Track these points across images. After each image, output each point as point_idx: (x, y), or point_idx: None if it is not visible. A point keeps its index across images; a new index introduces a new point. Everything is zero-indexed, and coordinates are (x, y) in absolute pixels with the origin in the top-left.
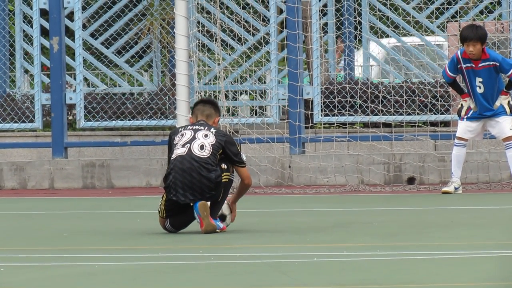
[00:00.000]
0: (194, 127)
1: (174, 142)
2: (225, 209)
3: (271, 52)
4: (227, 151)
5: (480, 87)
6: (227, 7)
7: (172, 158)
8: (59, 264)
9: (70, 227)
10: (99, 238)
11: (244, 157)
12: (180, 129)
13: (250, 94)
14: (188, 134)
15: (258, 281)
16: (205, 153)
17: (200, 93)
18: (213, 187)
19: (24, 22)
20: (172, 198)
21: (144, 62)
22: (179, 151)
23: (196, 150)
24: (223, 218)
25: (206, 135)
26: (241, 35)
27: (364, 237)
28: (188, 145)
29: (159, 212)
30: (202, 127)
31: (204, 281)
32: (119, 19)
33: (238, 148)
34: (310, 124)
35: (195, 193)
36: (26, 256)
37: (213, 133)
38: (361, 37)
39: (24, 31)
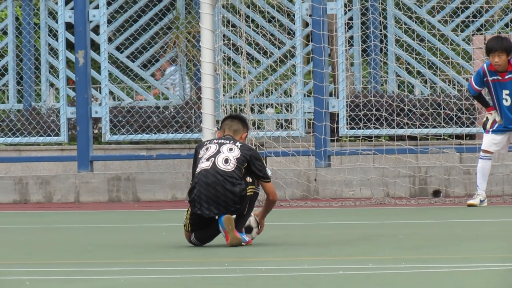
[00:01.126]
0: (220, 141)
1: (199, 156)
2: (252, 222)
3: (296, 66)
4: (251, 167)
5: (506, 100)
6: (253, 20)
7: (196, 172)
8: (83, 277)
9: (95, 240)
10: (125, 251)
11: (269, 172)
12: (205, 143)
13: (275, 107)
14: (213, 148)
15: None
16: (230, 167)
17: (225, 107)
18: (237, 201)
19: (49, 35)
20: (197, 212)
21: (170, 76)
22: (204, 164)
23: (220, 164)
24: (249, 230)
25: (231, 149)
26: (266, 49)
27: (389, 250)
28: (213, 159)
29: (184, 226)
30: (228, 141)
31: None
32: (145, 33)
33: (264, 162)
34: (335, 138)
35: (219, 207)
36: (51, 269)
37: (238, 147)
38: (387, 50)
39: (49, 44)
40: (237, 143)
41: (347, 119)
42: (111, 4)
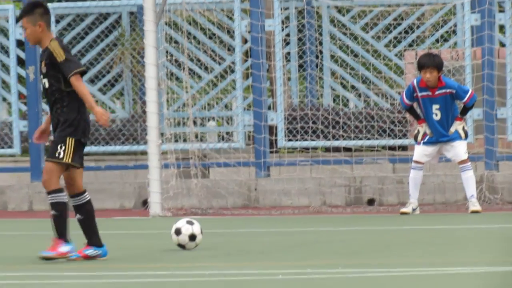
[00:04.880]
0: None
1: None
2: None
3: (236, 80)
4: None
5: (436, 115)
6: (194, 37)
7: None
8: (31, 282)
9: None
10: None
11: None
12: None
13: (217, 120)
14: None
15: None
16: None
17: (169, 120)
18: None
19: (1, 52)
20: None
21: (116, 90)
22: None
23: None
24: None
25: None
26: (208, 64)
27: (326, 256)
28: None
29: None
30: None
31: None
32: (92, 49)
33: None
34: (274, 149)
35: None
36: (8, 274)
37: None
38: (323, 65)
39: (1, 61)
40: None
41: (285, 132)
42: (60, 21)
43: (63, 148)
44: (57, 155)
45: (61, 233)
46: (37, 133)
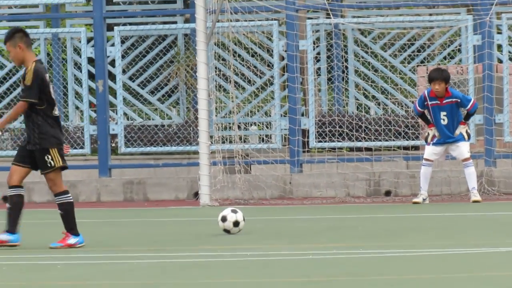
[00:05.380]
0: None
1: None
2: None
3: (275, 91)
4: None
5: (444, 120)
6: (239, 55)
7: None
8: (106, 261)
9: (114, 232)
10: (137, 241)
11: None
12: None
13: (258, 125)
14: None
15: (264, 274)
16: None
17: (217, 125)
18: None
19: (74, 68)
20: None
21: (172, 100)
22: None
23: None
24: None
25: None
26: (250, 78)
27: (350, 239)
28: None
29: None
30: None
31: (221, 275)
32: (152, 65)
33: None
34: (306, 149)
35: None
36: (78, 255)
37: None
38: (348, 78)
39: (75, 75)
40: None
41: (315, 134)
42: (124, 42)
43: (50, 157)
44: (49, 165)
45: (70, 228)
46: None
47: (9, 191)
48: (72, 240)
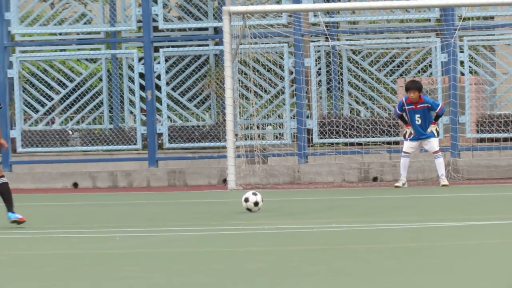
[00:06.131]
0: None
1: None
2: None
3: (285, 99)
4: None
5: (418, 121)
6: (257, 70)
7: None
8: (151, 234)
9: (160, 211)
10: (178, 217)
11: None
12: None
13: (272, 125)
14: None
15: (277, 243)
16: None
17: (241, 125)
18: None
19: (129, 81)
20: None
21: (205, 106)
22: None
23: None
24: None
25: None
26: (266, 88)
27: (346, 215)
28: None
29: None
30: None
31: (244, 243)
32: (189, 79)
33: None
34: (311, 144)
35: None
36: (131, 229)
37: None
38: (343, 88)
39: (129, 87)
40: None
41: (317, 133)
42: (168, 60)
43: None
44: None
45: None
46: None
47: None
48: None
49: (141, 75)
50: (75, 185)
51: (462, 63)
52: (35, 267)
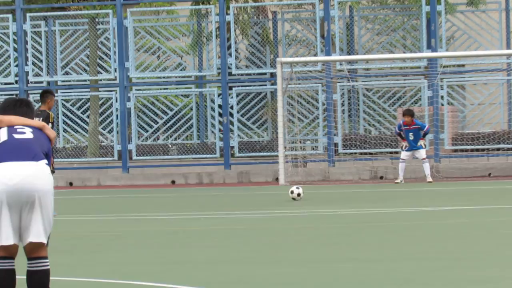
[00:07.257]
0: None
1: None
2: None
3: (319, 122)
4: None
5: (411, 137)
6: (300, 102)
7: None
8: (223, 217)
9: (232, 200)
10: (243, 204)
11: None
12: None
13: (310, 140)
14: None
15: (316, 223)
16: None
17: (288, 141)
18: None
19: (211, 110)
20: None
21: (264, 127)
22: None
23: None
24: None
25: None
26: (306, 115)
27: (363, 202)
28: None
29: None
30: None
31: (291, 224)
32: (253, 108)
33: None
34: (337, 153)
35: None
36: (214, 212)
37: None
38: (359, 115)
39: (211, 114)
40: None
41: (342, 145)
42: (238, 96)
43: None
44: None
45: None
46: None
47: None
48: None
49: (219, 106)
50: (173, 182)
51: (442, 97)
52: (148, 240)
